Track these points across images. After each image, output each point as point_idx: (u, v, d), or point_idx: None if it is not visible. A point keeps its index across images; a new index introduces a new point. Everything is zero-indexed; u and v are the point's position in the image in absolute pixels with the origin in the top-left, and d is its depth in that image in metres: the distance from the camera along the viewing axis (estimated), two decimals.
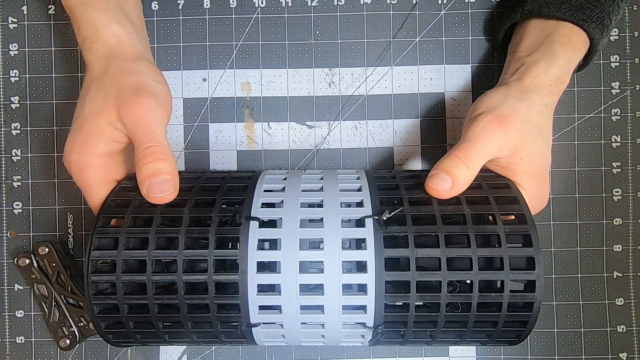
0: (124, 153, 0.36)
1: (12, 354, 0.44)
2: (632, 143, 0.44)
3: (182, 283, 0.30)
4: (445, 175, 0.32)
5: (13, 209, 0.44)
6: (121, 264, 0.30)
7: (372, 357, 0.44)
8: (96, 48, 0.35)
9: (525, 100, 0.35)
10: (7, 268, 0.44)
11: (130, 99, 0.33)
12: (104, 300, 0.31)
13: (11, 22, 0.44)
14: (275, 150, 0.44)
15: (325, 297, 0.30)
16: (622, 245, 0.44)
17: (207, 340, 0.33)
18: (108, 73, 0.35)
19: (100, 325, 0.32)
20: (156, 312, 0.31)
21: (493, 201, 0.32)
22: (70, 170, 0.34)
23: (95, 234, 0.31)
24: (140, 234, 0.31)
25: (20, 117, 0.44)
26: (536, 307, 0.30)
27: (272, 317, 0.31)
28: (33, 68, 0.44)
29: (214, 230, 0.30)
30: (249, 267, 0.30)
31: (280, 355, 0.44)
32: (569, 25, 0.37)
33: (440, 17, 0.44)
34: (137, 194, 0.33)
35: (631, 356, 0.44)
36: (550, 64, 0.36)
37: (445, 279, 0.30)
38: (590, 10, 0.36)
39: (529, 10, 0.38)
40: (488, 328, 0.32)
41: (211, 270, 0.30)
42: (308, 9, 0.44)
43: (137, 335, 0.33)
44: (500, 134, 0.34)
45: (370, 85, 0.44)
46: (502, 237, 0.30)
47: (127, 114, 0.33)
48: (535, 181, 0.35)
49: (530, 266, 0.30)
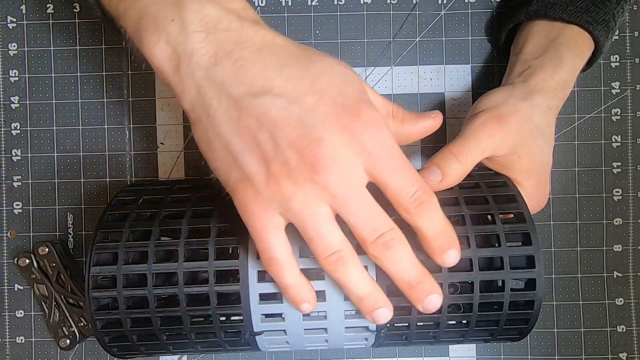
0: None
1: (12, 354, 0.44)
2: (632, 143, 0.44)
3: (184, 295, 0.30)
4: (436, 168, 0.32)
5: (13, 209, 0.44)
6: (122, 279, 0.30)
7: (372, 357, 0.44)
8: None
9: (528, 101, 0.35)
10: (7, 268, 0.44)
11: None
12: (106, 316, 0.31)
13: (10, 21, 0.44)
14: None
15: (328, 302, 0.30)
16: (622, 245, 0.44)
17: (211, 349, 0.33)
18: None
19: (104, 339, 0.32)
20: (159, 324, 0.31)
21: (492, 200, 0.32)
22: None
23: (95, 250, 0.31)
24: (140, 247, 0.31)
25: (20, 117, 0.44)
26: (537, 304, 0.30)
27: (275, 324, 0.31)
28: (33, 68, 0.44)
29: (213, 241, 0.30)
30: (250, 277, 0.30)
31: (280, 355, 0.44)
32: (575, 29, 0.37)
33: (440, 17, 0.44)
34: (134, 206, 0.33)
35: (631, 356, 0.44)
36: (557, 68, 0.36)
37: (446, 282, 0.30)
38: (596, 13, 0.36)
39: (534, 12, 0.38)
40: (490, 327, 0.32)
41: (212, 281, 0.30)
42: (308, 8, 0.44)
43: (142, 347, 0.33)
44: (496, 131, 0.34)
45: (370, 85, 0.44)
46: (501, 237, 0.30)
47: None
48: (534, 180, 0.35)
49: (531, 265, 0.30)
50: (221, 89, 0.26)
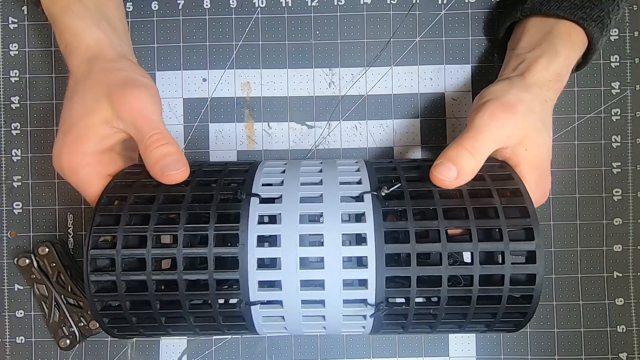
0: (117, 149, 0.36)
1: (12, 354, 0.44)
2: (632, 143, 0.44)
3: (182, 258, 0.30)
4: (451, 164, 0.32)
5: (13, 209, 0.44)
6: (120, 262, 0.30)
7: (372, 356, 0.44)
8: (78, 53, 0.36)
9: (529, 92, 0.35)
10: (7, 268, 0.44)
11: (122, 92, 0.34)
12: (105, 290, 0.31)
13: (11, 22, 0.44)
14: (275, 150, 0.44)
15: (326, 271, 0.30)
16: (622, 245, 0.44)
17: (207, 327, 0.33)
18: (92, 73, 0.35)
19: (104, 320, 0.32)
20: (154, 290, 0.31)
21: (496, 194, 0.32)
22: (63, 172, 0.34)
23: (93, 232, 0.31)
24: (139, 231, 0.31)
25: (20, 117, 0.44)
26: (539, 279, 0.30)
27: (271, 294, 0.31)
28: (33, 68, 0.44)
29: (215, 206, 0.31)
30: (250, 241, 0.30)
31: (280, 355, 0.44)
32: (568, 23, 0.37)
33: (440, 17, 0.44)
34: (132, 189, 0.33)
35: (631, 356, 0.44)
36: (551, 60, 0.36)
37: (445, 251, 0.30)
38: (590, 9, 0.37)
39: (529, 8, 0.38)
40: (487, 319, 0.32)
41: (211, 244, 0.30)
42: (308, 9, 0.44)
43: (141, 329, 0.33)
44: (507, 121, 0.34)
45: (370, 85, 0.44)
46: (504, 232, 0.30)
47: (123, 108, 0.34)
48: (537, 173, 0.35)
49: (530, 237, 0.30)
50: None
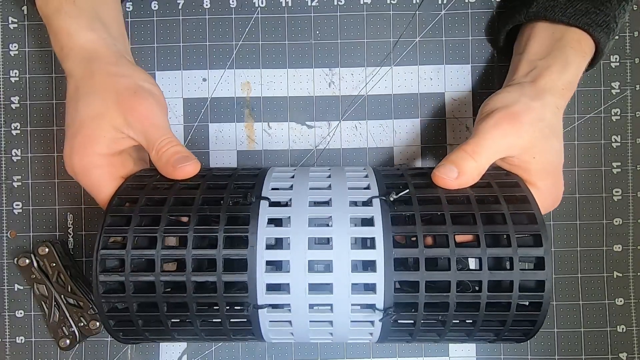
0: (129, 151, 0.36)
1: (12, 354, 0.44)
2: (632, 143, 0.44)
3: (191, 260, 0.30)
4: (453, 166, 0.33)
5: (13, 209, 0.44)
6: (129, 263, 0.31)
7: (372, 357, 0.44)
8: (73, 54, 0.36)
9: (539, 100, 0.35)
10: (7, 268, 0.44)
11: (133, 103, 0.34)
12: (112, 291, 0.31)
13: (11, 22, 0.44)
14: (275, 150, 0.44)
15: (335, 274, 0.30)
16: (622, 245, 0.44)
17: (212, 331, 0.33)
18: (95, 76, 0.35)
19: (110, 322, 0.32)
20: (162, 291, 0.31)
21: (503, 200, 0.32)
22: (75, 174, 0.35)
23: (103, 233, 0.31)
24: (149, 232, 0.31)
25: (20, 117, 0.44)
26: (548, 285, 0.30)
27: (279, 297, 0.31)
28: (33, 68, 0.44)
29: (225, 209, 0.31)
30: (259, 243, 0.30)
31: (280, 356, 0.44)
32: (578, 30, 0.37)
33: (440, 17, 0.44)
34: (144, 191, 0.33)
35: (631, 356, 0.44)
36: (563, 69, 0.36)
37: (454, 256, 0.30)
38: (596, 15, 0.36)
39: (534, 13, 0.38)
40: (496, 327, 0.32)
41: (220, 246, 0.30)
42: (308, 9, 0.44)
43: (146, 333, 0.33)
44: (510, 132, 0.34)
45: (370, 85, 0.44)
46: (512, 238, 0.30)
47: (133, 118, 0.34)
48: (549, 180, 0.35)
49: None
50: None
